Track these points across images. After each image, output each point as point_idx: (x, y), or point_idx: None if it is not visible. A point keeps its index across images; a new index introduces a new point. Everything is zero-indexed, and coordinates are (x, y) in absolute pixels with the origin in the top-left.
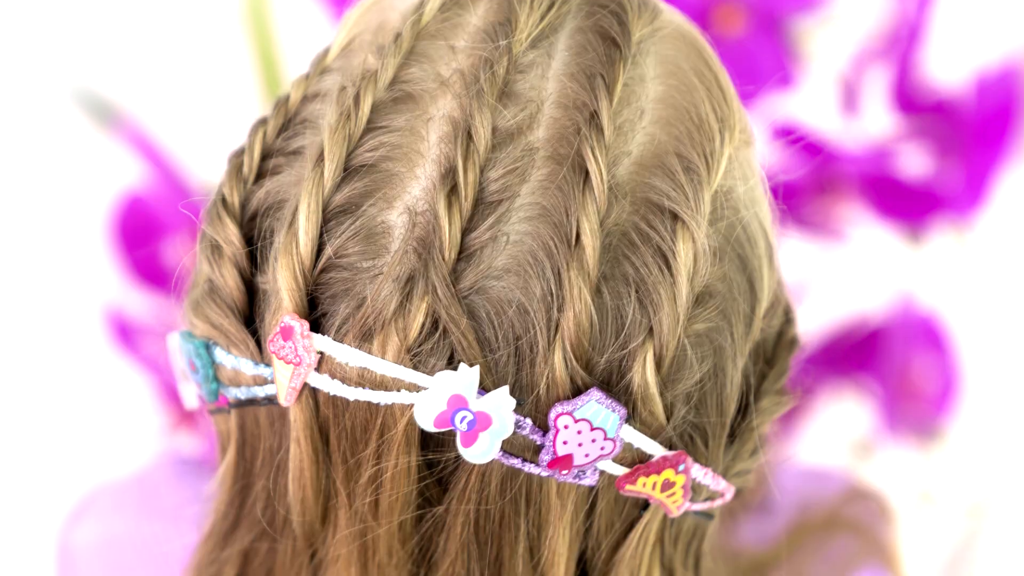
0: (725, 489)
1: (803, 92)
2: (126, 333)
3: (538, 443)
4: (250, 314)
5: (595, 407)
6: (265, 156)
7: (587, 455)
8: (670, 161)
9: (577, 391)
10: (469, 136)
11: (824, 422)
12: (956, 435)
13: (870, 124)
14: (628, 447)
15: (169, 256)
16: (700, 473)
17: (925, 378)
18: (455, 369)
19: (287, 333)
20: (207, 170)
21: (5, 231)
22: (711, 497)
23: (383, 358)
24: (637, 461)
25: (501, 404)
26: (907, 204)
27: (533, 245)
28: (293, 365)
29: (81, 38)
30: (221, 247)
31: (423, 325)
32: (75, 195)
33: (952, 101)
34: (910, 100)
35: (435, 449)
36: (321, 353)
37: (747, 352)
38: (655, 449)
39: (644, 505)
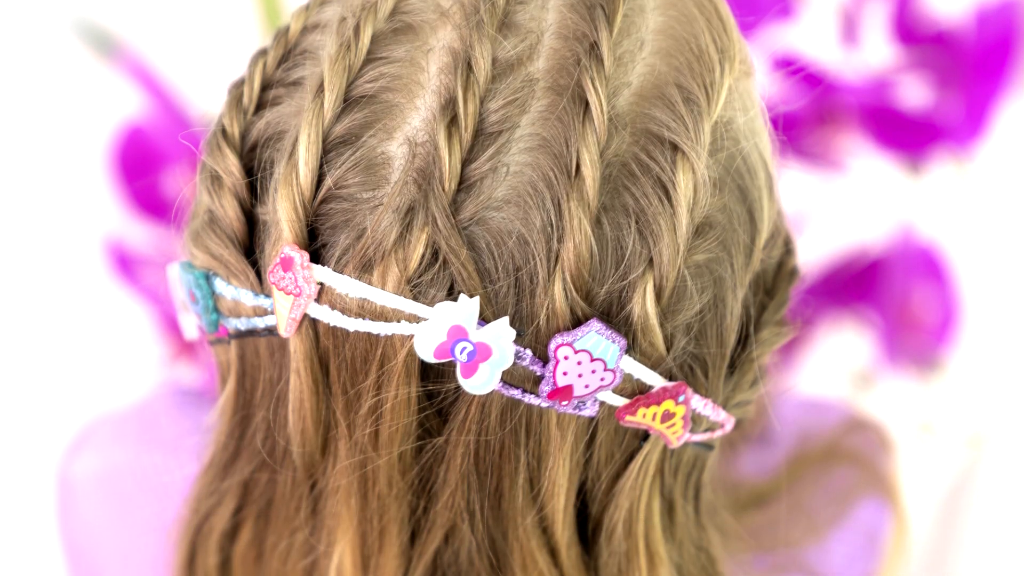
0: (725, 420)
1: (803, 23)
2: (126, 264)
3: (538, 374)
4: (250, 245)
5: (595, 338)
6: (265, 87)
7: (587, 386)
8: (670, 92)
9: (577, 322)
10: (469, 67)
11: (824, 353)
12: (956, 365)
13: (870, 55)
14: (628, 378)
15: (169, 187)
16: (700, 404)
17: (925, 309)
18: (455, 300)
19: (287, 264)
20: (207, 101)
21: (5, 162)
22: (711, 428)
23: (383, 289)
24: (637, 392)
25: (501, 335)
26: (907, 135)
27: (533, 176)
28: (293, 296)
29: None
30: (221, 178)
31: (423, 256)
32: (75, 126)
33: (952, 32)
34: (910, 31)
35: (435, 380)
36: (321, 284)
37: (747, 283)
38: (655, 380)
39: (644, 436)
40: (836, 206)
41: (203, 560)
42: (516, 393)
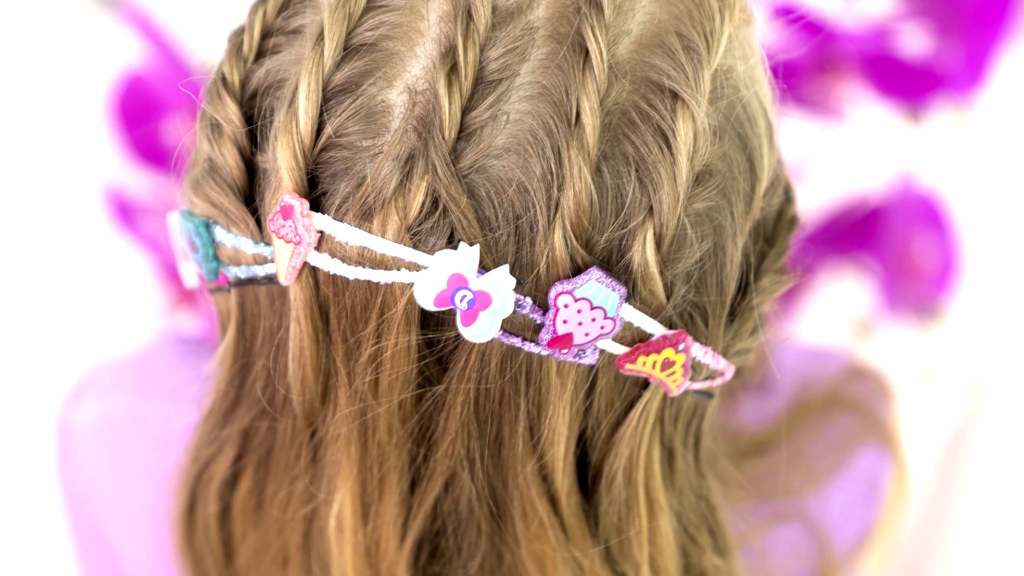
0: (725, 368)
1: None
2: (126, 212)
3: (538, 322)
4: (250, 193)
5: (595, 286)
6: (265, 35)
7: (587, 334)
8: (670, 40)
9: (577, 270)
10: (469, 15)
11: (824, 301)
12: (956, 313)
13: (870, 3)
14: (628, 326)
15: (169, 135)
16: (700, 352)
17: (925, 257)
18: (455, 248)
19: (287, 212)
20: (207, 49)
21: (5, 111)
22: (711, 376)
23: (383, 237)
24: (637, 340)
25: (501, 283)
26: (907, 83)
27: (533, 124)
28: (293, 244)
29: None
30: (221, 126)
31: (423, 204)
32: (75, 74)
33: None
34: None
35: (435, 328)
36: (321, 232)
37: (747, 231)
38: (655, 328)
39: (644, 384)
40: (836, 154)
41: (203, 508)
42: (516, 341)
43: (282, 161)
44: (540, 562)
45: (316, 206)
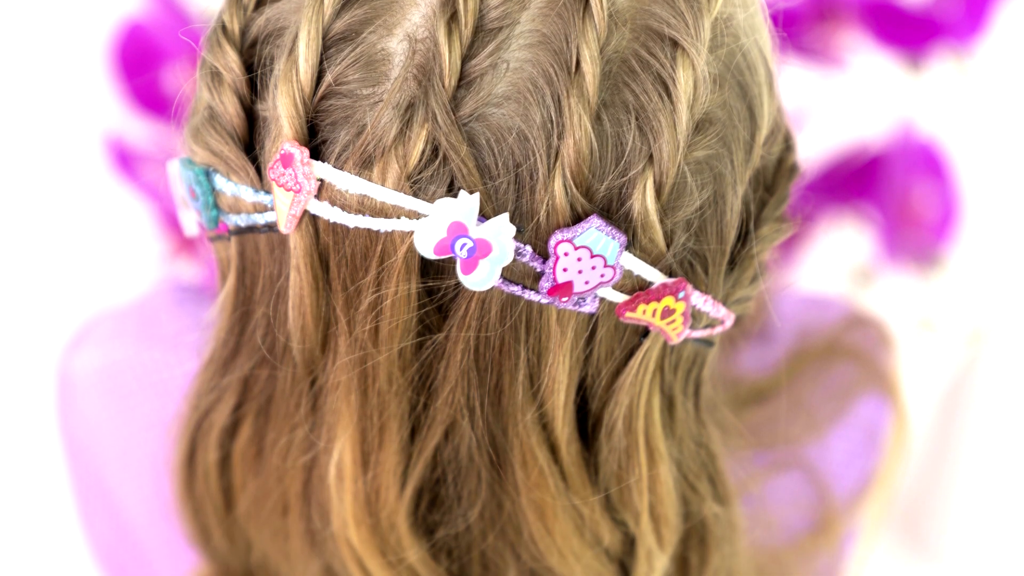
0: (725, 316)
1: None
2: (126, 160)
3: (538, 270)
4: (250, 141)
5: (595, 234)
6: None
7: (587, 282)
8: None
9: (577, 218)
10: None
11: (824, 249)
12: (956, 262)
13: None
14: (628, 274)
15: (169, 83)
16: (700, 300)
17: (925, 205)
18: (455, 196)
19: (287, 160)
20: None
21: (4, 60)
22: (711, 324)
23: (383, 185)
24: (637, 288)
25: (501, 231)
26: (907, 31)
27: (533, 72)
28: (293, 192)
29: None
30: (221, 74)
31: (423, 152)
32: (75, 22)
33: None
34: None
35: (435, 276)
36: (321, 180)
37: (747, 179)
38: (655, 276)
39: (644, 333)
40: (836, 103)
41: (203, 456)
42: (516, 289)
43: (282, 109)
44: (540, 510)
45: (316, 154)
